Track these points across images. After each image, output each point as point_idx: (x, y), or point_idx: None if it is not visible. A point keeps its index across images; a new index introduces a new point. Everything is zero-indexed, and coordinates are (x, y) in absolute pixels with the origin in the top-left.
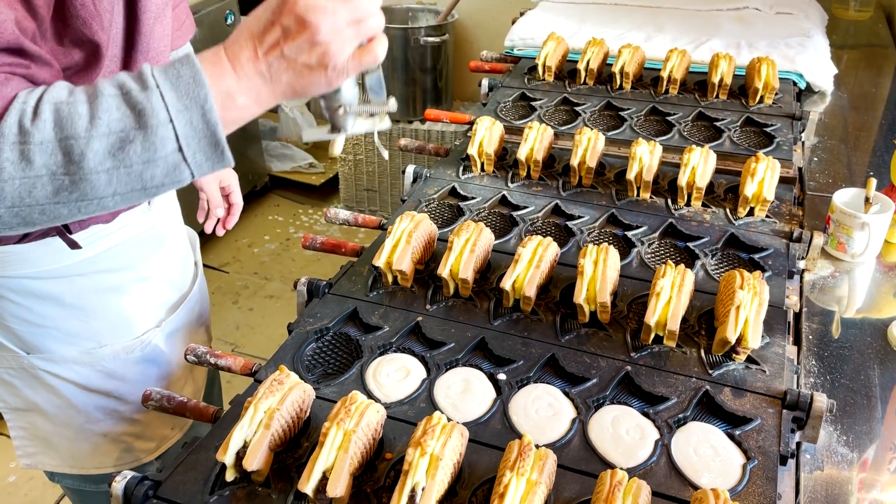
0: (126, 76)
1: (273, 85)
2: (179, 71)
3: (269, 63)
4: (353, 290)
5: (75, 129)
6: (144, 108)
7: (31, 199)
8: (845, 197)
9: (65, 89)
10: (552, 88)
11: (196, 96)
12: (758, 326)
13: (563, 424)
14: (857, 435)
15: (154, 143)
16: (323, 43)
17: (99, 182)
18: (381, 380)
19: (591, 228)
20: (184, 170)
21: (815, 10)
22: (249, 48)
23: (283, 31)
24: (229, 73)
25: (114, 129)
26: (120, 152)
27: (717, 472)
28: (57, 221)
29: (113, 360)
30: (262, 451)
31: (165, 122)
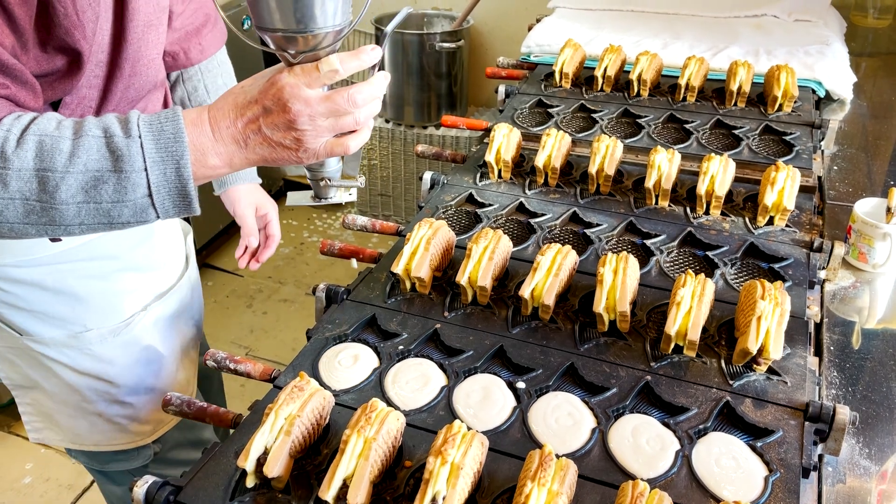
0: (114, 119)
1: (247, 153)
2: (163, 125)
3: (247, 135)
4: (371, 297)
5: (54, 163)
6: (123, 153)
7: (2, 218)
8: (867, 207)
9: (53, 121)
10: (569, 95)
11: (174, 152)
12: (779, 337)
13: (583, 434)
14: (880, 447)
15: (126, 186)
16: (299, 130)
17: (68, 213)
18: (400, 387)
19: (610, 237)
20: (151, 213)
21: (833, 18)
22: (231, 117)
23: (263, 110)
24: (207, 136)
25: (90, 168)
26: (93, 190)
27: (739, 485)
28: (23, 238)
29: (100, 343)
30: (282, 457)
31: (140, 170)
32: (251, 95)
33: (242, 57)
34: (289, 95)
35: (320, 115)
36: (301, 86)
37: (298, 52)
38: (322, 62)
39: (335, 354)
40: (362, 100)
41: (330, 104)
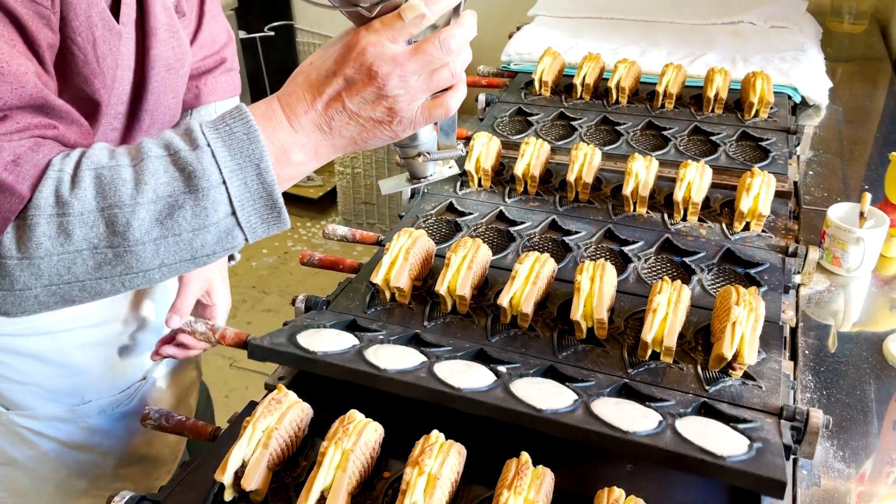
0: (173, 134)
1: (333, 139)
2: (231, 127)
3: (330, 116)
4: (350, 307)
5: (119, 197)
6: (195, 169)
7: (70, 276)
8: (840, 211)
9: (105, 151)
10: (549, 103)
11: (251, 155)
12: (754, 342)
13: (566, 400)
14: (854, 450)
15: (206, 207)
16: (391, 96)
17: (145, 253)
18: (381, 357)
19: (588, 244)
20: (237, 235)
21: (809, 24)
22: (307, 100)
23: (346, 82)
24: (284, 127)
25: (161, 195)
26: (168, 220)
27: (725, 443)
28: (98, 297)
29: (98, 415)
30: (260, 470)
31: (218, 185)
32: (327, 68)
33: None
34: (373, 56)
35: (412, 72)
36: (385, 42)
37: (374, 4)
38: (404, 9)
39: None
40: (456, 45)
41: (422, 57)
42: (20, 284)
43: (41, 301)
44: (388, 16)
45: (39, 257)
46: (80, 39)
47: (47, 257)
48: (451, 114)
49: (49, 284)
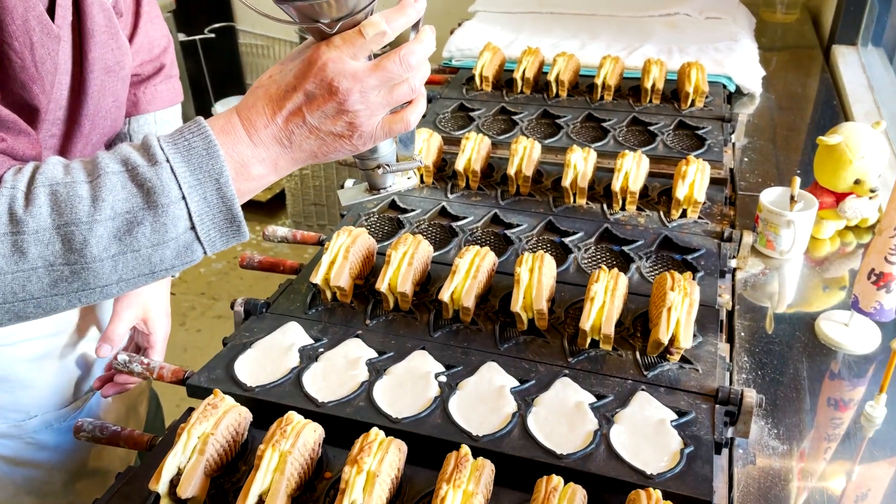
0: (130, 149)
1: (293, 152)
2: (191, 142)
3: (290, 131)
4: (291, 309)
5: (76, 214)
6: (154, 185)
7: (25, 294)
8: (772, 196)
9: (59, 166)
10: (490, 98)
11: (210, 170)
12: (689, 326)
13: (504, 416)
14: (788, 427)
15: (165, 223)
16: (351, 111)
17: (103, 270)
18: (317, 384)
19: (530, 236)
20: (196, 249)
21: (743, 15)
22: (267, 114)
23: (306, 97)
24: (244, 141)
25: (119, 212)
26: (127, 236)
27: (656, 456)
28: (53, 313)
29: (45, 430)
30: (196, 477)
31: (177, 200)
32: (287, 82)
33: None
34: (333, 72)
35: (372, 88)
36: (345, 58)
37: (335, 20)
38: (364, 25)
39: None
40: (416, 61)
41: (382, 73)
42: None
43: None
44: (349, 32)
45: None
46: (17, 44)
47: (1, 276)
48: (410, 128)
49: (3, 303)
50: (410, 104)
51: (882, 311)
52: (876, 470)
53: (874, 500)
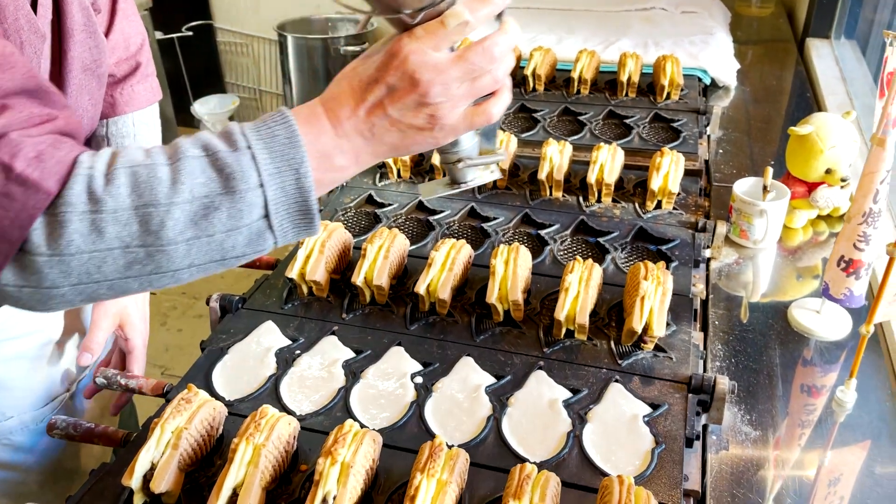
0: (210, 135)
1: (374, 145)
2: (273, 130)
3: (372, 123)
4: (267, 304)
5: (155, 196)
6: (233, 171)
7: (100, 275)
8: (745, 186)
9: (139, 150)
10: None
11: (291, 159)
12: (662, 315)
13: (479, 421)
14: (760, 413)
15: (241, 209)
16: (433, 104)
17: (177, 254)
18: (294, 393)
19: (506, 229)
20: (268, 238)
21: (718, 9)
22: (350, 105)
23: (388, 89)
24: (328, 132)
25: (198, 195)
26: (203, 220)
27: (627, 460)
28: (122, 296)
29: (21, 431)
30: (169, 472)
31: (255, 187)
32: (369, 74)
33: None
34: (415, 64)
35: (454, 80)
36: (427, 50)
37: (417, 10)
38: (447, 16)
39: (231, 357)
40: (500, 52)
41: (464, 65)
42: (48, 282)
43: (67, 299)
44: (431, 23)
45: (70, 254)
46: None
47: (78, 255)
48: (493, 121)
49: (77, 283)
50: (493, 96)
51: (852, 297)
52: (848, 454)
53: (847, 484)
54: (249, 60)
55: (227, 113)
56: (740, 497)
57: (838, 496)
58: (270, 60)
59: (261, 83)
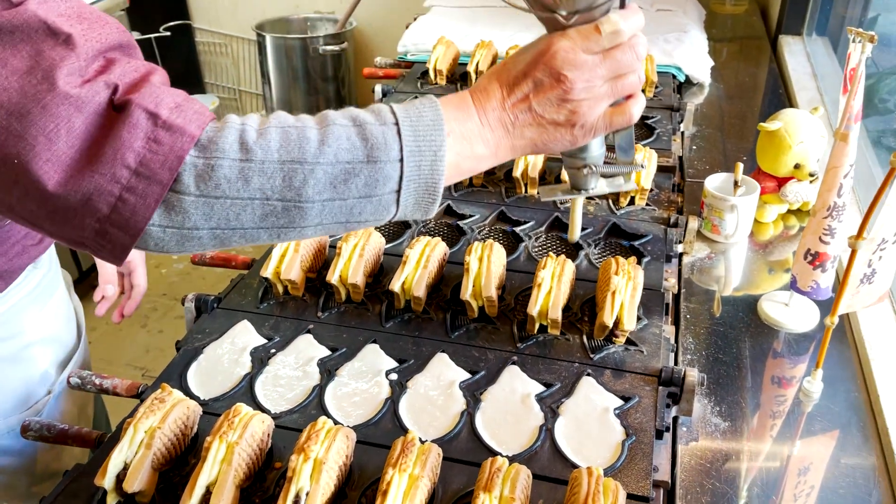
0: (359, 111)
1: (514, 138)
2: (421, 111)
3: (515, 115)
4: (242, 304)
5: (302, 154)
6: (378, 141)
7: (237, 223)
8: (716, 182)
9: (290, 116)
10: (444, 92)
11: (432, 141)
12: (633, 309)
13: (453, 416)
14: (729, 405)
15: (378, 179)
16: (574, 100)
17: (311, 212)
18: (269, 391)
19: (482, 226)
20: (392, 210)
21: (692, 6)
22: (498, 97)
23: (534, 84)
24: (474, 119)
25: (341, 160)
26: (342, 185)
27: (598, 453)
28: (252, 244)
29: (6, 435)
30: (143, 471)
31: (395, 160)
32: (518, 70)
33: None
34: (562, 62)
35: (599, 77)
36: (578, 50)
37: (572, 13)
38: (603, 22)
39: (206, 357)
40: (643, 51)
41: (611, 63)
42: (190, 223)
43: (203, 242)
44: (585, 27)
45: (215, 198)
46: None
47: (222, 199)
48: (632, 122)
49: (216, 227)
50: (631, 98)
51: (818, 289)
52: (816, 444)
53: (816, 473)
54: (228, 60)
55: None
56: (710, 487)
57: (808, 485)
58: (249, 60)
59: (240, 83)
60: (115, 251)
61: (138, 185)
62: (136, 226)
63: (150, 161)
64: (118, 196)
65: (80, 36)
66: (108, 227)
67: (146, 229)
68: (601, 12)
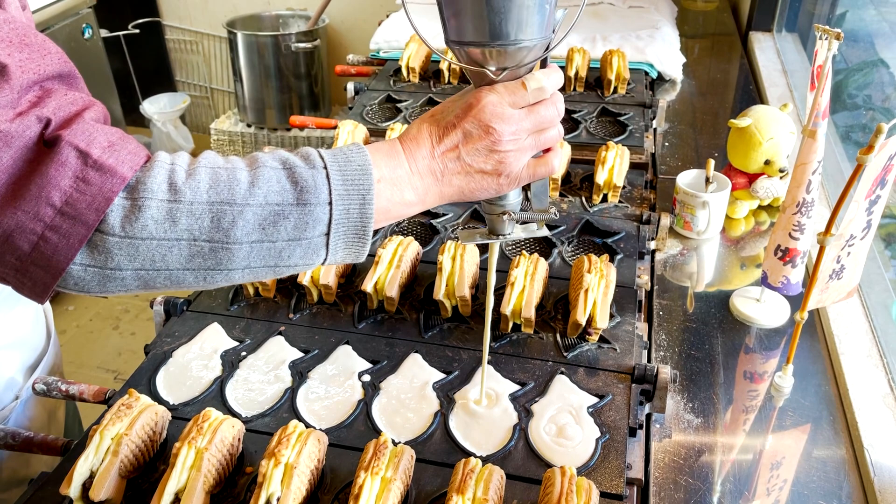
0: (288, 154)
1: (443, 186)
2: (349, 156)
3: (445, 164)
4: (212, 306)
5: (232, 195)
6: (308, 185)
7: (163, 263)
8: (688, 178)
9: (219, 156)
10: (417, 89)
11: (360, 185)
12: (605, 307)
13: (426, 417)
14: (702, 401)
15: (307, 222)
16: (502, 151)
17: (239, 254)
18: (240, 395)
19: (455, 225)
20: (321, 254)
21: (664, 4)
22: (428, 146)
23: (464, 135)
24: (404, 167)
25: (271, 202)
26: (271, 227)
27: (572, 451)
28: (176, 288)
29: None
30: (109, 479)
31: (324, 203)
32: (449, 120)
33: None
34: (491, 115)
35: (524, 131)
36: (506, 104)
37: (501, 68)
38: (528, 79)
39: (174, 361)
40: (562, 107)
41: (536, 118)
42: (113, 263)
43: (126, 284)
44: (512, 82)
45: (141, 239)
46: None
47: (148, 240)
48: (554, 173)
49: (140, 268)
50: (552, 151)
51: (789, 285)
52: (788, 438)
53: (789, 466)
54: (199, 58)
55: (178, 112)
56: (683, 484)
57: (781, 479)
58: (221, 58)
59: (212, 81)
60: (35, 289)
61: (62, 224)
62: (58, 265)
63: (77, 201)
64: (40, 235)
65: (17, 67)
66: (28, 266)
67: (68, 269)
68: (526, 70)
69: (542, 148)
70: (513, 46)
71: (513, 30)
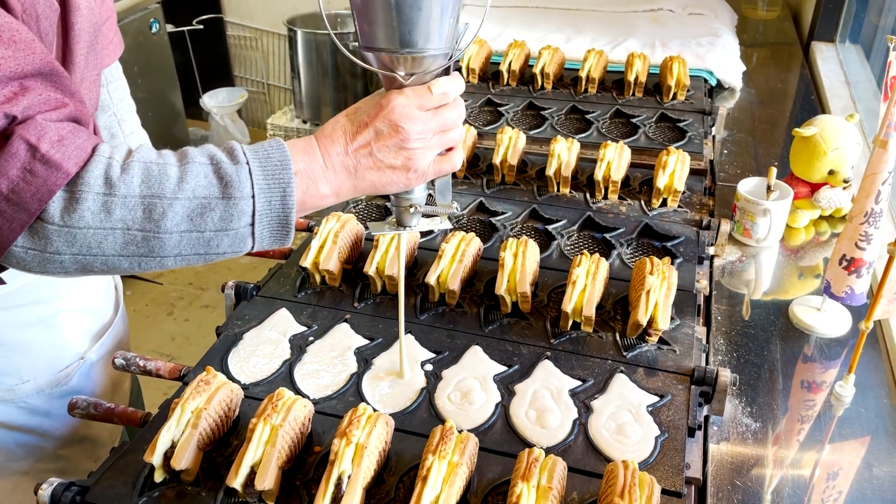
0: (215, 149)
1: (356, 180)
2: (269, 153)
3: (357, 160)
4: (281, 292)
5: (162, 189)
6: (232, 179)
7: (98, 250)
8: (749, 186)
9: (153, 151)
10: (476, 90)
11: (280, 179)
12: (667, 309)
13: (489, 408)
14: (760, 406)
15: (232, 214)
16: (410, 148)
17: (169, 242)
18: (308, 378)
19: (514, 224)
20: (248, 243)
21: (725, 11)
22: (341, 143)
23: (375, 133)
24: (318, 162)
25: (198, 195)
26: (198, 218)
27: (632, 448)
28: (112, 273)
29: (36, 395)
30: (189, 450)
31: (247, 197)
32: (361, 120)
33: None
34: (400, 115)
35: (431, 131)
36: (413, 106)
37: (409, 74)
38: (433, 84)
39: (245, 343)
40: (464, 113)
41: (440, 119)
42: (52, 248)
43: (65, 266)
44: (419, 87)
45: (78, 228)
46: (26, 17)
47: (85, 229)
48: (456, 169)
49: (77, 254)
50: (454, 149)
51: (853, 295)
52: (846, 448)
53: (845, 478)
54: (258, 54)
55: (236, 106)
56: (740, 486)
57: (836, 490)
58: (279, 55)
59: (269, 77)
60: None
61: (7, 209)
62: (0, 245)
63: (22, 190)
64: None
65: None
66: None
67: (9, 249)
68: (432, 76)
69: (446, 146)
70: (420, 54)
71: (420, 39)
